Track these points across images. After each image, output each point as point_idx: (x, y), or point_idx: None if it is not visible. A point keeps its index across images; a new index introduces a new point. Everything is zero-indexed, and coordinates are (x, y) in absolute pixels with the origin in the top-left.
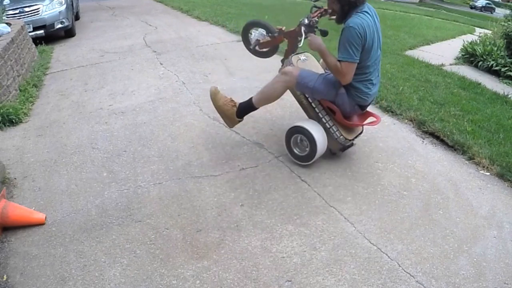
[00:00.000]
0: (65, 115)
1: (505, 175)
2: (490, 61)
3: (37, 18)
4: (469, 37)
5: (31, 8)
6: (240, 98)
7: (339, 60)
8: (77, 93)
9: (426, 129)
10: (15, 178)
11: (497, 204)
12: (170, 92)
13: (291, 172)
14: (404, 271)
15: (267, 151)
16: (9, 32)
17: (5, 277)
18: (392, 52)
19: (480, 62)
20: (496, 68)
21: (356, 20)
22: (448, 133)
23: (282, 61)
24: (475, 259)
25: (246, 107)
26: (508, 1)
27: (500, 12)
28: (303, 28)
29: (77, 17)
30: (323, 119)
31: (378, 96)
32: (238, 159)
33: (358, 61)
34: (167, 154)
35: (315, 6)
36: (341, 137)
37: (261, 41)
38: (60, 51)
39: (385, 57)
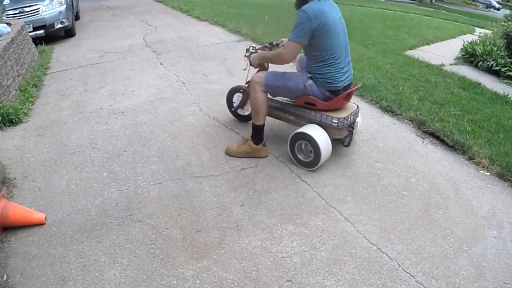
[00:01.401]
0: (65, 115)
1: (505, 175)
2: (490, 61)
3: (37, 18)
4: (469, 37)
5: (31, 8)
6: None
7: (288, 39)
8: (77, 93)
9: (426, 129)
10: (15, 178)
11: (497, 204)
12: (170, 92)
13: (291, 172)
14: (404, 271)
15: (267, 151)
16: (9, 32)
17: (5, 277)
18: (392, 52)
19: (480, 62)
20: (496, 68)
21: (311, 5)
22: (448, 133)
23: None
24: (475, 259)
25: (255, 132)
26: (508, 1)
27: (499, 12)
28: (245, 58)
29: (77, 17)
30: (311, 116)
31: (378, 96)
32: (238, 159)
33: (304, 42)
34: (167, 154)
35: (262, 44)
36: (334, 119)
37: (238, 103)
38: (60, 51)
39: (385, 57)
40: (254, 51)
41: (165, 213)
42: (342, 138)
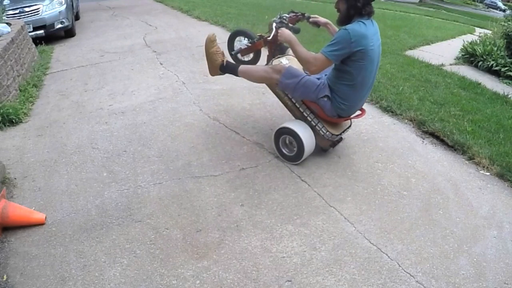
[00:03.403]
0: (65, 115)
1: (505, 175)
2: (490, 61)
3: (37, 18)
4: (469, 37)
5: (31, 8)
6: (240, 98)
7: (320, 51)
8: (77, 93)
9: (426, 129)
10: (15, 178)
11: (497, 204)
12: (170, 92)
13: (291, 172)
14: (404, 271)
15: (267, 151)
16: (9, 32)
17: (5, 277)
18: (392, 52)
19: (480, 62)
20: (496, 68)
21: (355, 27)
22: (448, 133)
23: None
24: (475, 259)
25: (231, 68)
26: (508, 1)
27: (500, 13)
28: (274, 24)
29: (77, 17)
30: (308, 117)
31: (378, 96)
32: (238, 159)
33: (335, 61)
34: (167, 154)
35: (292, 11)
36: (328, 133)
37: (243, 48)
38: (60, 51)
39: (385, 57)
40: (286, 23)
41: (165, 213)
42: (322, 146)
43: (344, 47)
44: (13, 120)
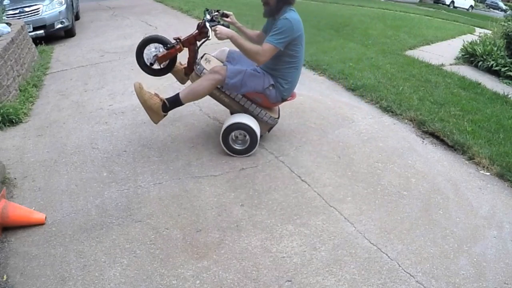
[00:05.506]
0: (65, 115)
1: (505, 175)
2: (490, 61)
3: (37, 18)
4: (469, 37)
5: (31, 8)
6: None
7: (266, 42)
8: (77, 93)
9: (426, 129)
10: (15, 178)
11: (497, 204)
12: (170, 92)
13: (291, 172)
14: (404, 271)
15: (267, 151)
16: (9, 32)
17: (5, 277)
18: (392, 52)
19: (480, 62)
20: (496, 68)
21: (291, 14)
22: (448, 133)
23: (189, 72)
24: (475, 259)
25: (174, 102)
26: (508, 1)
27: (500, 13)
28: (207, 24)
29: (77, 17)
30: (249, 108)
31: (378, 96)
32: (238, 159)
33: (282, 49)
34: (167, 154)
35: (212, 9)
36: (271, 118)
37: (159, 55)
38: (60, 51)
39: (385, 57)
40: (218, 20)
41: (165, 213)
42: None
43: (289, 35)
44: (13, 120)
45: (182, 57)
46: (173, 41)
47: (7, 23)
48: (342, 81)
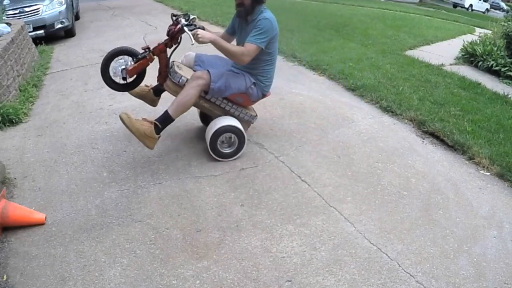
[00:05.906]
0: (65, 115)
1: (505, 175)
2: (490, 61)
3: (37, 18)
4: (469, 37)
5: (31, 8)
6: None
7: (249, 42)
8: (77, 93)
9: (426, 129)
10: (15, 178)
11: (497, 204)
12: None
13: (291, 172)
14: (404, 271)
15: (267, 151)
16: (9, 32)
17: (5, 277)
18: (392, 52)
19: (480, 62)
20: (496, 68)
21: (268, 14)
22: (448, 133)
23: (162, 83)
24: (475, 259)
25: (164, 121)
26: (508, 1)
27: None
28: (186, 29)
29: (77, 17)
30: (230, 110)
31: (378, 96)
32: (238, 159)
33: (263, 47)
34: (167, 154)
35: (174, 15)
36: (251, 117)
37: (129, 68)
38: (60, 51)
39: (385, 57)
40: (195, 24)
41: (165, 213)
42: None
43: (270, 34)
44: (13, 120)
45: (150, 78)
46: (142, 52)
47: (7, 23)
48: (342, 81)
